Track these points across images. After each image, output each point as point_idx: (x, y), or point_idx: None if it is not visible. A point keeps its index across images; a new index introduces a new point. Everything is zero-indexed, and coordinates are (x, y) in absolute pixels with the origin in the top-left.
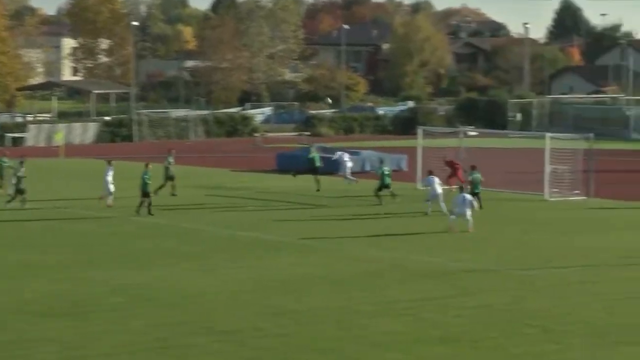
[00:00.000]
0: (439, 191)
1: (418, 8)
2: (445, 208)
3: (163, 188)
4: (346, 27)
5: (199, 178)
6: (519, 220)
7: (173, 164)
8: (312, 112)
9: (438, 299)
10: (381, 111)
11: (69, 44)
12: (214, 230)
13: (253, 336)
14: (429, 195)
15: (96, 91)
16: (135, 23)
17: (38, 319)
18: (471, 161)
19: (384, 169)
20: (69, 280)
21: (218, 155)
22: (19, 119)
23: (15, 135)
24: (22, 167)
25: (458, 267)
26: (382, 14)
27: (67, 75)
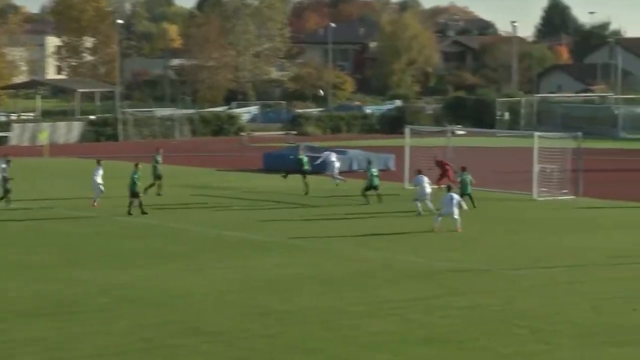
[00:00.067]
0: (427, 191)
1: (405, 6)
2: (432, 207)
3: (153, 187)
4: (333, 25)
5: (184, 177)
6: (507, 219)
7: (161, 162)
8: (298, 111)
9: (426, 299)
10: (368, 110)
11: (53, 42)
12: (201, 230)
13: (240, 337)
14: (417, 195)
15: (81, 90)
16: (120, 21)
17: (22, 319)
18: (458, 160)
19: (372, 170)
20: (53, 281)
21: (204, 154)
22: (3, 118)
23: None
24: (8, 166)
25: (446, 267)
26: (369, 12)
27: (51, 74)
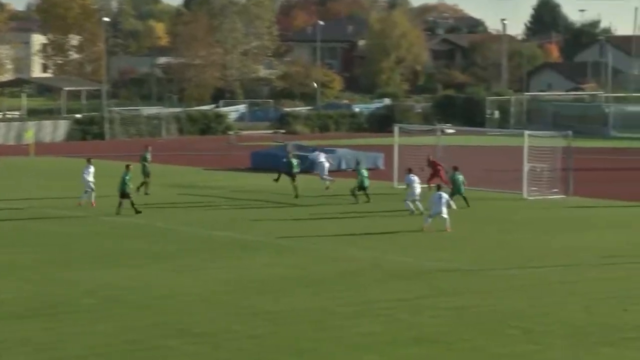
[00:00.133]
0: (417, 191)
1: (394, 4)
2: (422, 207)
3: (144, 185)
4: (321, 23)
5: (172, 177)
6: (497, 219)
7: (150, 160)
8: (286, 109)
9: (415, 299)
10: (357, 108)
11: (38, 40)
12: (188, 229)
13: (228, 338)
14: (409, 195)
15: (67, 88)
16: (106, 19)
17: (9, 320)
18: (448, 159)
19: (363, 170)
20: (40, 281)
21: (191, 153)
22: None
23: None
24: None
25: (435, 267)
26: (357, 9)
27: (37, 72)
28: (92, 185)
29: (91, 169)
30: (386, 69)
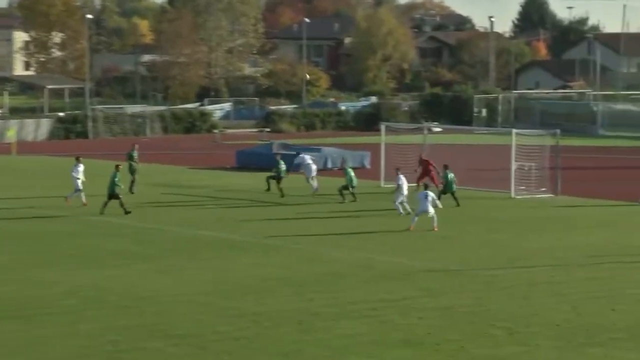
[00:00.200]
0: (406, 192)
1: (381, 1)
2: (409, 208)
3: (134, 183)
4: (307, 20)
5: (156, 176)
6: (484, 218)
7: (136, 158)
8: (272, 107)
9: (401, 300)
10: (343, 107)
11: (20, 37)
12: (172, 229)
13: (213, 339)
14: (398, 196)
15: (49, 86)
16: (89, 16)
17: None
18: (435, 158)
19: (349, 169)
20: (17, 281)
21: (176, 152)
22: None
23: None
24: None
25: (422, 267)
26: (344, 7)
27: (19, 70)
28: (80, 185)
29: (80, 168)
30: (373, 67)
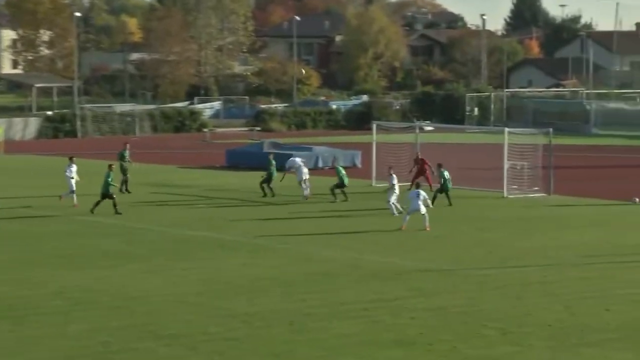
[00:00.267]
0: (397, 191)
1: None
2: (400, 207)
3: (127, 182)
4: (297, 18)
5: (145, 175)
6: (476, 218)
7: (128, 157)
8: (262, 106)
9: (393, 300)
10: (334, 105)
11: (8, 35)
12: (162, 229)
13: (204, 340)
14: (392, 196)
15: (37, 85)
16: (77, 14)
17: None
18: (427, 156)
19: (339, 168)
20: (5, 282)
21: (165, 151)
22: None
23: None
24: None
25: (414, 267)
26: (334, 4)
27: (6, 68)
28: (74, 186)
29: (74, 168)
30: (364, 65)
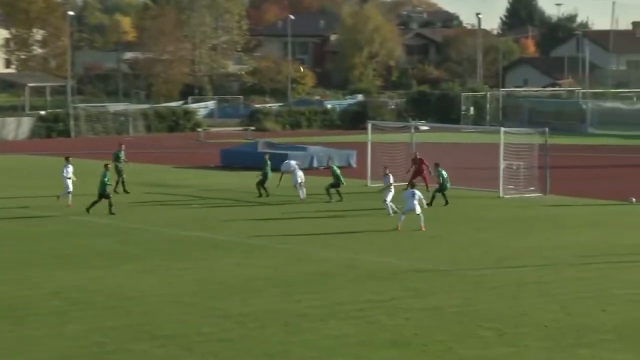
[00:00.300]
0: (392, 191)
1: None
2: (395, 207)
3: (124, 183)
4: (292, 17)
5: (139, 175)
6: (472, 218)
7: (123, 158)
8: (257, 106)
9: (388, 300)
10: (329, 105)
11: (1, 34)
12: (156, 229)
13: (199, 340)
14: (389, 196)
15: (30, 84)
16: (71, 13)
17: None
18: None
19: (334, 167)
20: (4, 282)
21: (159, 151)
22: None
23: None
24: None
25: (409, 267)
26: (329, 3)
27: None
28: (70, 186)
29: (70, 168)
30: (359, 64)
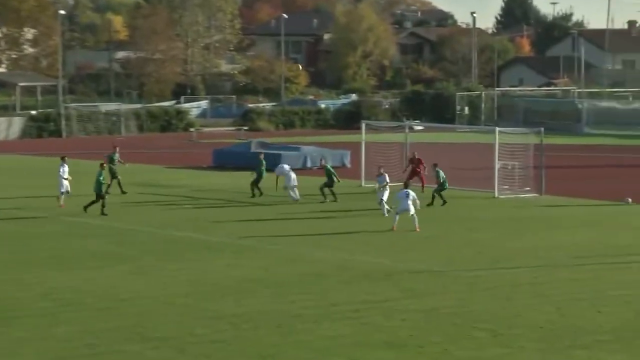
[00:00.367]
0: (388, 191)
1: None
2: (387, 206)
3: (120, 184)
4: (285, 16)
5: (131, 175)
6: (467, 218)
7: (117, 159)
8: (250, 105)
9: (383, 301)
10: (323, 104)
11: None
12: (148, 230)
13: (191, 342)
14: (384, 196)
15: (21, 84)
16: (62, 12)
17: None
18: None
19: (329, 167)
20: None
21: (151, 151)
22: None
23: None
24: None
25: (404, 267)
26: (323, 2)
27: None
28: (65, 187)
29: (65, 168)
30: (353, 63)
